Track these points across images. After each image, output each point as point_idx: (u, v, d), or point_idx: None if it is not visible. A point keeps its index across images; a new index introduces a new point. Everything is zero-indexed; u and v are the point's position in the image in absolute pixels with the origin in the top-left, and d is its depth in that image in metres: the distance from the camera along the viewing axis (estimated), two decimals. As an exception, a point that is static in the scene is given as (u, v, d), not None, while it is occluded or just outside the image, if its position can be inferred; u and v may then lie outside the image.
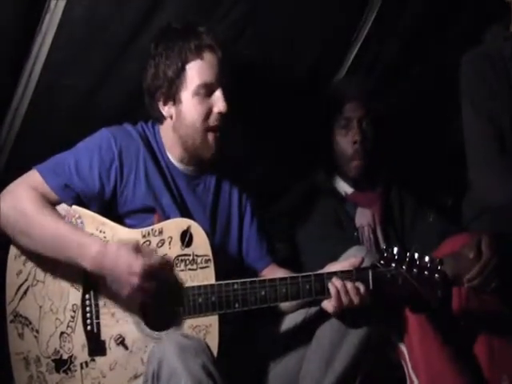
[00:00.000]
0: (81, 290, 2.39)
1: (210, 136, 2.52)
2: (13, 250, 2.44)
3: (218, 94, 2.51)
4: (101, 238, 2.38)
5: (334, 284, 2.34)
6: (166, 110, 2.55)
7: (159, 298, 2.33)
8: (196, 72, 2.50)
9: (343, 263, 2.42)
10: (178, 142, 2.56)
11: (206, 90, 2.50)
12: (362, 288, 2.35)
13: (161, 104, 2.56)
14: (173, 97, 2.53)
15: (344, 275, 2.36)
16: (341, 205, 3.15)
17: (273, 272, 2.65)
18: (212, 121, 2.52)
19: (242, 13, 3.05)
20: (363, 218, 3.14)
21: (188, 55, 2.49)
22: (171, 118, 2.55)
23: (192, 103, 2.51)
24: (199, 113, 2.51)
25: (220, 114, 2.51)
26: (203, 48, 2.50)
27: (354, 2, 3.37)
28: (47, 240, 2.34)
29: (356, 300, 2.34)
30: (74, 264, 2.33)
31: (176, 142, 2.57)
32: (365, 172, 3.16)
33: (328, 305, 2.38)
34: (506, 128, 2.98)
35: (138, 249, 2.31)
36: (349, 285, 2.34)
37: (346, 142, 3.14)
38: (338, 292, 2.34)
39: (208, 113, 2.51)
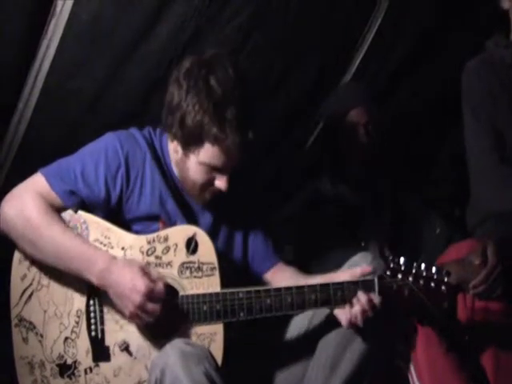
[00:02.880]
0: (85, 296, 2.39)
1: (208, 194, 2.48)
2: (17, 255, 2.43)
3: (224, 177, 2.43)
4: (106, 250, 2.38)
5: (360, 299, 2.32)
6: (174, 145, 2.46)
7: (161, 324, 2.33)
8: (210, 155, 2.38)
9: (348, 272, 2.41)
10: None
11: (215, 168, 2.41)
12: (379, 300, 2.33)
13: (170, 136, 2.47)
14: (182, 145, 2.43)
15: (350, 286, 2.35)
16: (347, 211, 3.15)
17: (281, 271, 2.63)
18: (211, 190, 2.46)
19: (247, 17, 3.05)
20: (370, 228, 3.14)
21: (209, 136, 2.34)
22: (177, 153, 2.47)
23: (197, 169, 2.43)
24: (202, 179, 2.44)
25: (219, 190, 2.45)
26: (226, 143, 2.34)
27: (359, 8, 3.37)
28: (55, 252, 2.34)
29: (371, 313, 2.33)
30: (80, 276, 2.33)
31: None
32: (372, 176, 3.16)
33: (342, 317, 2.35)
34: (508, 136, 2.99)
35: (144, 269, 2.31)
36: (374, 297, 2.32)
37: (354, 146, 3.14)
38: (363, 307, 2.31)
39: (209, 182, 2.44)
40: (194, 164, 2.42)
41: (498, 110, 2.99)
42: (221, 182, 2.43)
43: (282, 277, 2.58)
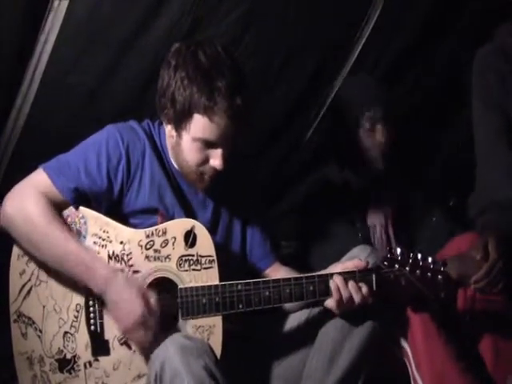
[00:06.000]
0: (84, 290, 2.38)
1: (205, 176, 2.46)
2: (16, 250, 2.42)
3: (218, 152, 2.40)
4: (105, 244, 2.38)
5: (335, 280, 2.34)
6: (169, 128, 2.46)
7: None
8: (201, 127, 2.36)
9: (347, 264, 2.42)
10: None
11: (207, 144, 2.39)
12: (363, 287, 2.35)
13: (165, 120, 2.47)
14: (175, 125, 2.42)
15: (347, 276, 2.36)
16: (353, 201, 3.12)
17: (277, 270, 2.64)
18: (207, 169, 2.43)
19: (245, 10, 3.05)
20: (375, 216, 3.13)
21: (198, 107, 2.33)
22: (172, 137, 2.46)
23: (190, 146, 2.41)
24: (196, 158, 2.42)
25: (215, 168, 2.43)
26: (215, 111, 2.32)
27: (356, 1, 3.36)
28: (56, 256, 2.33)
29: (357, 298, 2.34)
30: (79, 281, 2.34)
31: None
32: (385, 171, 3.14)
33: (330, 302, 2.37)
34: None
35: (144, 294, 2.29)
36: (350, 282, 2.34)
37: (372, 143, 3.11)
38: (338, 288, 2.33)
39: (204, 161, 2.42)
40: (188, 143, 2.40)
41: (508, 97, 2.98)
42: (215, 160, 2.40)
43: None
